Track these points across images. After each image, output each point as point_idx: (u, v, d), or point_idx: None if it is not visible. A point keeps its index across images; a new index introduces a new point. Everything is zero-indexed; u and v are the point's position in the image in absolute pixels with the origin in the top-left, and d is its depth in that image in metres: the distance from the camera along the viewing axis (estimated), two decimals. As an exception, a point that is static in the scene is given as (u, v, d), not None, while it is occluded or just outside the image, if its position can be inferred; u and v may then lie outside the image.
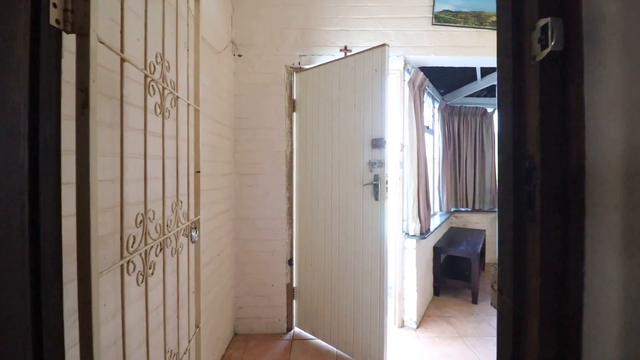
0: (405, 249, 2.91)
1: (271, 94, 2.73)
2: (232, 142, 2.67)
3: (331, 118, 2.55)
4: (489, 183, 4.64)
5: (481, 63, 3.12)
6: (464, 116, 4.59)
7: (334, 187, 2.51)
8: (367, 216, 2.32)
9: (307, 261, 2.69)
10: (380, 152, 2.26)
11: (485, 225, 4.64)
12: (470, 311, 3.23)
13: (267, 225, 2.68)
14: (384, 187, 2.25)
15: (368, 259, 2.32)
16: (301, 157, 2.74)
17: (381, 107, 2.26)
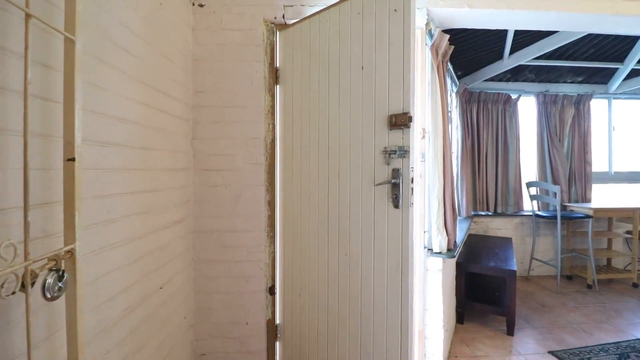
0: (428, 270, 2.12)
1: (245, 59, 1.93)
2: (189, 125, 1.87)
3: (328, 89, 1.75)
4: (513, 182, 3.87)
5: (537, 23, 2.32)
6: (484, 103, 3.81)
7: (332, 188, 1.72)
8: (382, 231, 1.53)
9: (294, 290, 1.89)
10: (403, 135, 1.47)
11: (510, 231, 3.87)
12: (507, 347, 2.44)
13: (239, 241, 1.88)
14: (407, 189, 1.46)
15: (382, 292, 1.53)
16: (287, 145, 1.94)
17: (404, 67, 1.47)
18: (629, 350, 2.36)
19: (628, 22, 2.23)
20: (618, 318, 2.87)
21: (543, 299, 3.28)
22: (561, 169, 3.86)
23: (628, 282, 3.62)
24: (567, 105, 3.89)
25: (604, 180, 4.14)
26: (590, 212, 3.43)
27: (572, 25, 2.32)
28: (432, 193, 2.13)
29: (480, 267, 2.72)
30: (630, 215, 3.48)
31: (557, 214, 3.39)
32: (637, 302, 3.18)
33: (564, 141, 3.91)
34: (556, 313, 2.96)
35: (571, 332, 2.64)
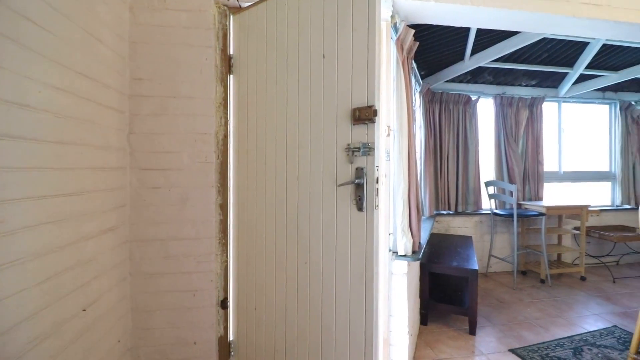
0: (393, 274, 2.00)
1: (194, 44, 1.69)
2: (125, 117, 1.59)
3: (286, 80, 1.56)
4: (472, 182, 3.91)
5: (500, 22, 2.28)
6: (446, 104, 3.80)
7: (291, 190, 1.53)
8: (344, 237, 1.37)
9: (250, 302, 1.68)
10: (367, 131, 1.32)
11: (470, 230, 3.91)
12: (470, 347, 2.40)
13: (186, 250, 1.64)
14: (372, 189, 1.31)
15: (345, 303, 1.38)
16: (241, 142, 1.72)
17: (369, 55, 1.32)
18: (582, 343, 2.40)
19: (583, 25, 2.25)
20: (570, 311, 2.95)
21: (501, 295, 3.32)
22: (516, 168, 3.96)
23: (576, 276, 3.79)
24: (521, 107, 4.00)
25: (554, 179, 4.32)
26: (543, 210, 3.53)
27: (532, 26, 2.31)
28: (397, 193, 2.02)
29: (443, 267, 2.66)
30: (578, 212, 3.63)
31: (513, 212, 3.46)
32: (586, 295, 3.31)
33: (519, 142, 4.01)
34: (514, 309, 3.00)
35: (529, 328, 2.66)
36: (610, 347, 2.34)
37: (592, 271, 3.97)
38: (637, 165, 4.32)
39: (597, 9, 2.16)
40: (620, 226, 4.21)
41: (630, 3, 2.20)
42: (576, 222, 3.94)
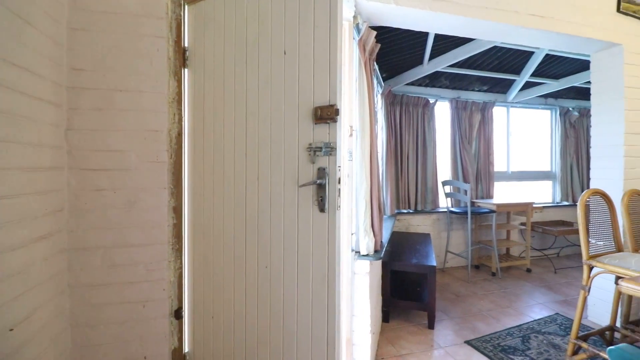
0: (356, 274, 1.99)
1: (143, 33, 1.54)
2: (62, 112, 1.41)
3: (245, 76, 1.48)
4: (430, 181, 4.04)
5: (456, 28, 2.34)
6: (406, 106, 3.89)
7: (250, 191, 1.45)
8: (306, 239, 1.32)
9: (207, 311, 1.57)
10: (329, 130, 1.28)
11: (428, 227, 4.03)
12: (429, 341, 2.46)
13: (134, 258, 1.49)
14: (334, 190, 1.27)
15: (307, 307, 1.33)
16: (197, 140, 1.61)
17: (331, 53, 1.27)
18: (529, 331, 2.55)
19: (529, 35, 2.39)
20: (518, 302, 3.13)
21: (457, 289, 3.46)
22: (470, 168, 4.15)
23: (523, 268, 4.05)
24: (474, 111, 4.20)
25: (503, 178, 4.60)
26: (494, 207, 3.73)
27: (484, 34, 2.41)
28: (360, 193, 2.00)
29: (403, 264, 2.71)
30: (524, 209, 3.88)
31: (467, 210, 3.62)
32: (531, 285, 3.54)
33: (472, 143, 4.21)
34: (469, 302, 3.13)
35: (482, 319, 2.78)
36: (554, 334, 2.51)
37: (537, 263, 4.28)
38: (574, 165, 4.72)
39: (542, 21, 2.29)
40: (560, 221, 4.58)
41: (570, 17, 2.37)
42: (522, 218, 4.22)
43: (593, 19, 2.44)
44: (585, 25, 2.41)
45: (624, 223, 2.10)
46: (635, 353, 0.85)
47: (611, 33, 2.49)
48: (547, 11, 2.31)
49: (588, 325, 2.62)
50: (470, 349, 2.33)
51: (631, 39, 2.56)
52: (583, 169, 4.71)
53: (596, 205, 2.09)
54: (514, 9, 2.23)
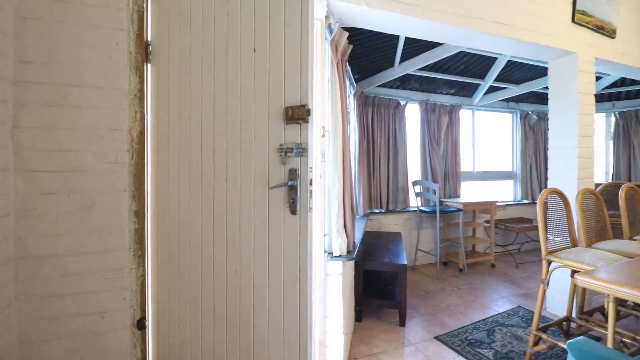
0: (328, 275, 1.96)
1: (101, 25, 1.43)
2: (6, 108, 1.28)
3: (213, 73, 1.41)
4: (402, 181, 4.11)
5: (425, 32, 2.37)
6: (378, 108, 3.93)
7: (219, 193, 1.38)
8: (277, 242, 1.28)
9: (172, 320, 1.48)
10: (301, 131, 1.24)
11: (399, 226, 4.10)
12: (400, 339, 2.48)
13: (90, 266, 1.38)
14: (306, 192, 1.24)
15: (278, 311, 1.28)
16: (161, 140, 1.51)
17: (302, 52, 1.24)
18: (494, 324, 2.65)
19: (493, 41, 2.48)
20: (483, 296, 3.25)
21: (427, 286, 3.54)
22: (438, 169, 4.26)
23: (488, 264, 4.22)
24: (443, 113, 4.32)
25: (469, 178, 4.77)
26: (461, 206, 3.85)
27: (452, 39, 2.47)
28: (332, 194, 1.99)
29: (375, 264, 2.73)
30: (488, 207, 4.05)
31: (436, 209, 3.72)
32: (496, 280, 3.69)
33: (441, 144, 4.33)
34: (438, 298, 3.20)
35: (450, 314, 2.86)
36: (517, 326, 2.62)
37: (500, 258, 4.47)
38: (533, 166, 4.99)
39: (505, 28, 2.39)
40: (520, 218, 4.82)
41: (530, 25, 2.49)
42: (487, 216, 4.40)
43: (551, 28, 2.57)
44: (544, 34, 2.54)
45: (578, 220, 2.23)
46: (591, 345, 0.88)
47: (567, 42, 2.64)
48: (510, 19, 2.40)
49: (547, 316, 2.76)
50: (440, 345, 2.38)
51: (584, 48, 2.73)
52: (541, 169, 4.98)
53: (553, 204, 2.20)
54: (480, 16, 2.30)
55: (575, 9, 2.66)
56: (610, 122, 5.06)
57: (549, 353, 2.22)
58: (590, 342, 0.89)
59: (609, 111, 5.00)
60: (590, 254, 1.92)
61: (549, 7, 2.57)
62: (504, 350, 2.26)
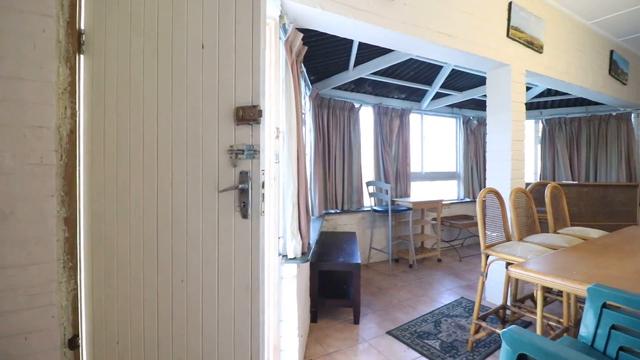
0: (283, 278, 1.93)
1: (23, 9, 1.25)
2: None
3: (157, 69, 1.31)
4: (356, 182, 4.19)
5: (377, 38, 2.42)
6: (333, 109, 3.97)
7: (162, 197, 1.28)
8: (227, 247, 1.22)
9: (110, 336, 1.35)
10: (252, 132, 1.19)
11: (354, 226, 4.18)
12: (354, 336, 2.53)
13: (10, 281, 1.20)
14: (258, 195, 1.20)
15: (229, 321, 1.22)
16: (96, 139, 1.37)
17: (253, 51, 1.19)
18: (440, 316, 2.80)
19: (439, 50, 2.62)
20: (431, 289, 3.43)
21: (380, 282, 3.65)
22: (391, 169, 4.42)
23: (435, 259, 4.47)
24: (394, 117, 4.49)
25: (418, 178, 5.01)
26: (411, 205, 4.03)
27: (402, 46, 2.56)
28: (287, 196, 1.95)
29: (330, 264, 2.74)
30: (435, 206, 4.29)
31: (388, 208, 3.85)
32: (442, 273, 3.92)
33: (392, 146, 4.50)
34: (390, 294, 3.32)
35: (401, 309, 2.97)
36: (460, 316, 2.79)
37: (446, 253, 4.76)
38: (474, 167, 5.38)
39: (449, 39, 2.53)
40: (463, 215, 5.17)
41: (471, 37, 2.66)
42: (434, 214, 4.66)
43: (489, 41, 2.78)
44: (483, 46, 2.74)
45: (512, 216, 2.43)
46: (522, 333, 0.94)
47: (502, 54, 2.88)
48: (454, 31, 2.55)
49: (487, 305, 2.99)
50: (392, 339, 2.46)
51: (517, 61, 2.99)
52: (481, 170, 5.39)
53: (491, 202, 2.38)
54: (427, 26, 2.41)
55: (509, 25, 2.90)
56: (538, 128, 5.63)
57: (488, 339, 2.40)
58: (520, 329, 0.96)
59: (537, 118, 5.56)
60: (521, 247, 2.10)
61: (487, 21, 2.78)
62: (449, 340, 2.40)
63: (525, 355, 0.89)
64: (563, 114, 5.28)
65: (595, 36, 3.86)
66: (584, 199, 3.98)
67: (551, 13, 3.30)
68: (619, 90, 4.23)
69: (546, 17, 3.23)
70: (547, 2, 3.25)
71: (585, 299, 1.22)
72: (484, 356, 2.21)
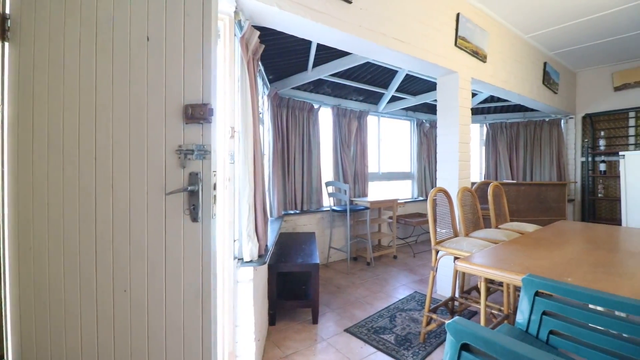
0: (239, 282, 1.87)
1: None
2: None
3: (95, 60, 1.20)
4: (315, 182, 4.21)
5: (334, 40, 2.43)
6: (292, 110, 3.95)
7: (102, 201, 1.18)
8: (176, 253, 1.15)
9: (42, 356, 1.20)
10: (203, 131, 1.14)
11: (313, 226, 4.19)
12: (312, 336, 2.53)
13: None
14: (209, 197, 1.14)
15: (177, 330, 1.16)
16: (23, 137, 1.22)
17: (204, 46, 1.14)
18: (395, 311, 2.90)
19: (393, 55, 2.71)
20: (387, 286, 3.54)
21: (339, 281, 3.70)
22: (349, 170, 4.50)
23: (391, 256, 4.63)
24: (352, 118, 4.57)
25: (375, 178, 5.16)
26: (368, 205, 4.14)
27: (358, 49, 2.61)
28: (243, 197, 1.90)
29: (289, 265, 2.72)
30: (391, 205, 4.44)
31: (347, 208, 3.91)
32: (397, 270, 4.07)
33: (351, 147, 4.58)
34: (348, 292, 3.37)
35: (359, 306, 3.03)
36: (413, 310, 2.92)
37: (401, 250, 4.95)
38: (426, 167, 5.66)
39: (403, 45, 2.63)
40: (417, 213, 5.42)
41: (423, 45, 2.79)
42: (390, 212, 4.82)
43: (439, 49, 2.94)
44: (434, 54, 2.89)
45: (459, 213, 2.59)
46: (465, 324, 1.00)
47: (451, 62, 3.05)
48: (407, 37, 2.66)
49: (437, 298, 3.15)
50: (349, 336, 2.50)
51: (464, 69, 3.19)
52: (433, 170, 5.69)
53: (440, 201, 2.52)
54: (382, 32, 2.49)
55: (457, 35, 3.09)
56: (483, 132, 6.07)
57: (438, 330, 2.53)
58: (463, 321, 1.02)
59: (481, 122, 5.99)
60: (467, 242, 2.24)
61: (437, 30, 2.93)
62: (403, 333, 2.50)
63: (468, 344, 0.95)
64: (504, 119, 5.75)
65: (532, 49, 4.25)
66: (521, 196, 4.36)
67: (494, 25, 3.57)
68: (551, 98, 4.70)
69: (489, 29, 3.48)
70: (491, 15, 3.51)
71: (521, 288, 1.33)
72: (435, 346, 2.33)
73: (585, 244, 1.94)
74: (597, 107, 5.14)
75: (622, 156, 3.45)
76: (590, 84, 5.22)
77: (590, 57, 4.69)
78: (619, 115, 4.96)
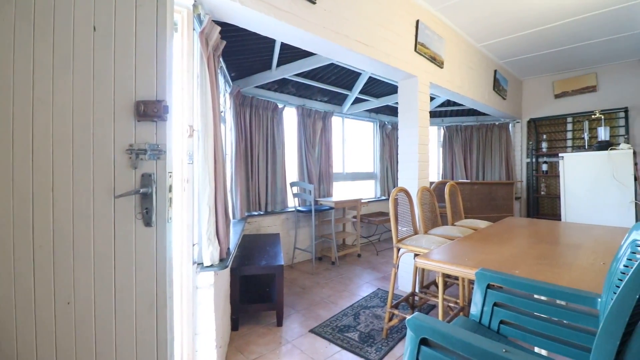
0: (199, 288, 1.79)
1: None
2: None
3: (32, 49, 1.08)
4: (280, 183, 4.16)
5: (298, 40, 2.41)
6: (256, 109, 3.87)
7: (40, 206, 1.06)
8: (127, 260, 1.07)
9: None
10: (157, 130, 1.07)
11: (278, 227, 4.14)
12: (277, 339, 2.49)
13: None
14: (164, 199, 1.08)
15: (129, 344, 1.07)
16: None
17: (158, 39, 1.06)
18: (359, 308, 2.95)
19: (356, 58, 2.75)
20: (351, 284, 3.59)
21: (303, 282, 3.68)
22: (314, 170, 4.51)
23: (355, 254, 4.71)
24: (317, 119, 4.59)
25: (340, 179, 5.22)
26: (333, 205, 4.18)
27: (322, 50, 2.62)
28: (203, 199, 1.82)
29: (252, 268, 2.65)
30: (355, 204, 4.52)
31: (312, 208, 3.92)
32: (361, 268, 4.14)
33: (316, 148, 4.59)
34: (313, 292, 3.37)
35: (324, 306, 3.04)
36: (376, 306, 2.98)
37: (365, 248, 5.05)
38: (389, 167, 5.83)
39: (366, 48, 2.68)
40: (380, 212, 5.56)
41: (385, 49, 2.87)
42: (354, 212, 4.90)
43: (399, 54, 3.03)
44: (395, 58, 2.97)
45: (419, 212, 2.69)
46: (423, 319, 1.03)
47: (411, 67, 3.16)
48: (370, 41, 2.71)
49: (399, 294, 3.25)
50: (314, 336, 2.50)
51: (423, 74, 3.33)
52: (394, 170, 5.88)
53: (401, 200, 2.60)
54: (345, 33, 2.51)
55: (417, 40, 3.21)
56: (440, 134, 6.38)
57: (400, 325, 2.60)
58: (422, 316, 1.05)
59: (439, 125, 6.29)
60: (426, 239, 2.34)
61: (399, 36, 3.02)
62: (366, 330, 2.54)
63: (427, 339, 0.98)
64: (459, 122, 6.09)
65: (484, 57, 4.53)
66: (475, 194, 4.64)
67: (450, 33, 3.76)
68: (500, 104, 5.05)
69: (446, 37, 3.66)
70: (447, 23, 3.69)
71: (474, 281, 1.40)
72: (397, 341, 2.40)
73: (530, 238, 2.10)
74: (540, 112, 5.62)
75: (561, 157, 3.80)
76: (535, 91, 5.69)
77: (535, 66, 5.11)
78: (558, 120, 5.46)
